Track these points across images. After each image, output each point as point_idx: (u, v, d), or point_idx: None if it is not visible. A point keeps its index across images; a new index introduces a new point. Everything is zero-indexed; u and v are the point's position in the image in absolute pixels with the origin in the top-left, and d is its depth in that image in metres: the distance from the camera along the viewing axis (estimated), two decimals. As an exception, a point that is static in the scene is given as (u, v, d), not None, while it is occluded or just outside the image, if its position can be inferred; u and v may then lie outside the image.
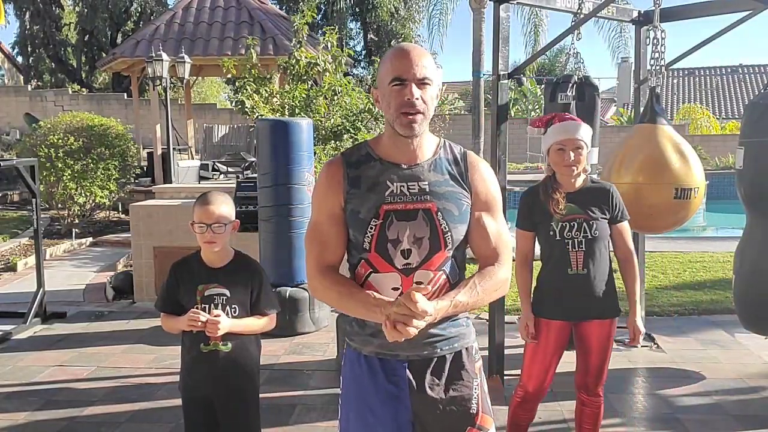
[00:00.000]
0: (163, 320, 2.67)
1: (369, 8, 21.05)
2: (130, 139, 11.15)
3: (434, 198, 1.85)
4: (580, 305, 2.97)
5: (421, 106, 1.80)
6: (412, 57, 1.80)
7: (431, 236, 1.84)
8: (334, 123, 9.40)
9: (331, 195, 1.91)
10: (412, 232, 1.84)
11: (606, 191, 2.97)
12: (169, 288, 2.63)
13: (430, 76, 1.80)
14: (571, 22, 4.56)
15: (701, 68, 34.04)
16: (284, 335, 5.27)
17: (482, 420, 1.95)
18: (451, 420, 1.92)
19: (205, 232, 2.52)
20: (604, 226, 2.93)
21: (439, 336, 1.91)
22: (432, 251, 1.85)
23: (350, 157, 1.94)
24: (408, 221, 1.84)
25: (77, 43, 23.49)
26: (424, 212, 1.84)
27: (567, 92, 4.24)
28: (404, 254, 1.84)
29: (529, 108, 22.52)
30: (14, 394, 4.33)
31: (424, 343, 1.88)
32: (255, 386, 2.69)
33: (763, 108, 4.06)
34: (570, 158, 2.89)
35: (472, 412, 1.93)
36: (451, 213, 1.86)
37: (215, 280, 2.59)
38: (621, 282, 3.08)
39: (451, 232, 1.86)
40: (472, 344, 1.98)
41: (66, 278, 7.63)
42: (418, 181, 1.86)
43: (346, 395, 1.99)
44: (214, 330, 2.48)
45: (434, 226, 1.84)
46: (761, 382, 4.35)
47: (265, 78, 9.80)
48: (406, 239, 1.84)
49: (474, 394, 1.94)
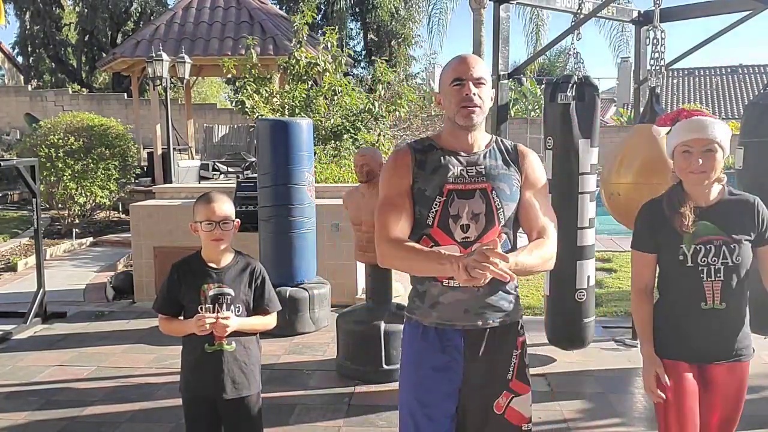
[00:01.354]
0: (163, 323, 2.65)
1: (369, 8, 21.05)
2: (130, 139, 11.16)
3: (489, 179, 2.11)
4: (711, 346, 2.42)
5: (478, 101, 2.09)
6: (470, 61, 2.11)
7: (487, 212, 2.09)
8: (334, 123, 9.41)
9: (401, 174, 2.15)
10: (471, 208, 2.09)
11: (750, 205, 2.41)
12: (171, 289, 2.61)
13: (485, 77, 2.11)
14: (571, 22, 4.57)
15: (701, 68, 34.03)
16: (284, 335, 5.27)
17: (516, 385, 2.18)
18: (490, 385, 2.16)
19: (214, 230, 2.53)
20: (748, 250, 2.37)
21: (493, 307, 2.13)
22: (488, 226, 2.09)
23: (417, 145, 2.22)
24: (467, 199, 2.09)
25: (77, 43, 23.50)
26: (480, 191, 2.10)
27: (567, 92, 4.24)
28: (463, 228, 2.08)
29: (529, 108, 22.52)
30: (14, 394, 4.33)
31: (477, 314, 2.11)
32: (258, 385, 2.70)
33: (763, 108, 4.06)
34: (698, 163, 2.34)
35: (507, 378, 2.17)
36: (503, 192, 2.11)
37: (219, 279, 2.59)
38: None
39: (503, 208, 2.11)
40: (519, 320, 2.21)
41: (66, 278, 7.64)
42: (476, 166, 2.13)
43: (405, 364, 2.24)
44: (222, 331, 2.49)
45: (489, 203, 2.09)
46: (761, 382, 4.35)
47: (265, 78, 9.81)
48: (465, 215, 2.08)
49: (512, 362, 2.18)
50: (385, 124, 10.13)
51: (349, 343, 4.50)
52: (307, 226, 5.58)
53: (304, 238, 5.54)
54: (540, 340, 5.02)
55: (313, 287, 5.54)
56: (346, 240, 6.19)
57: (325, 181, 7.75)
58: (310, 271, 5.64)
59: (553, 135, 4.41)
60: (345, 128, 9.35)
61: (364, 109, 9.59)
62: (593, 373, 4.55)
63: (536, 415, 3.84)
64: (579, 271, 4.41)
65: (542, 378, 4.45)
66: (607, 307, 6.09)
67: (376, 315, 4.47)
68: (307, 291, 5.48)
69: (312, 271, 5.67)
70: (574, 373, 4.58)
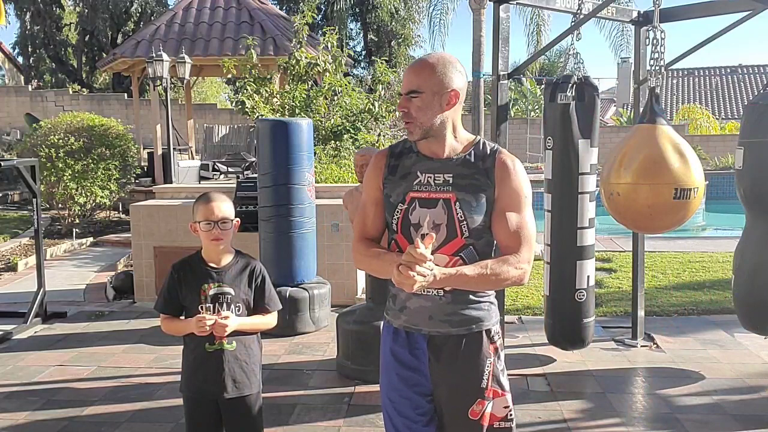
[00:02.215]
0: (164, 322, 2.66)
1: (369, 8, 21.04)
2: (130, 139, 11.16)
3: (455, 189, 2.05)
4: None
5: (409, 116, 2.04)
6: (408, 72, 2.06)
7: (448, 223, 2.05)
8: (334, 123, 9.41)
9: (373, 179, 2.18)
10: (432, 218, 2.05)
11: None
12: (171, 289, 2.62)
13: (416, 87, 2.02)
14: (570, 22, 4.57)
15: (701, 68, 34.03)
16: (284, 335, 5.28)
17: (490, 392, 2.13)
18: (463, 392, 2.13)
19: (213, 229, 2.54)
20: None
21: (458, 315, 2.09)
22: (449, 237, 2.05)
23: (395, 148, 2.20)
24: (429, 208, 2.06)
25: (78, 43, 23.50)
26: (444, 201, 2.05)
27: (567, 92, 4.24)
28: (423, 238, 1.97)
29: (528, 108, 22.52)
30: (14, 394, 4.33)
31: (442, 320, 2.09)
32: (258, 383, 2.71)
33: (763, 108, 4.06)
34: None
35: (482, 386, 2.12)
36: (468, 204, 2.05)
37: (219, 279, 2.59)
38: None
39: (467, 220, 2.04)
40: (491, 327, 2.14)
41: (66, 278, 7.64)
42: (444, 173, 2.07)
43: (381, 365, 2.25)
44: (222, 331, 2.50)
45: (451, 215, 2.04)
46: (761, 382, 4.35)
47: (265, 78, 9.82)
48: (426, 224, 2.04)
49: (485, 371, 2.12)
50: (385, 124, 10.14)
51: (349, 343, 4.50)
52: (307, 226, 5.59)
53: (304, 238, 5.55)
54: (540, 340, 5.03)
55: (313, 287, 5.55)
56: (346, 240, 6.19)
57: (325, 181, 7.76)
58: (310, 271, 5.64)
59: (553, 135, 4.41)
60: (345, 128, 9.35)
61: (364, 109, 9.59)
62: (593, 373, 4.55)
63: (536, 415, 3.87)
64: (579, 271, 4.42)
65: (542, 378, 4.46)
66: (607, 307, 6.09)
67: (376, 315, 4.46)
68: (307, 291, 5.48)
69: (312, 271, 5.67)
70: (574, 373, 4.58)
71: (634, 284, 5.24)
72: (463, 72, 2.09)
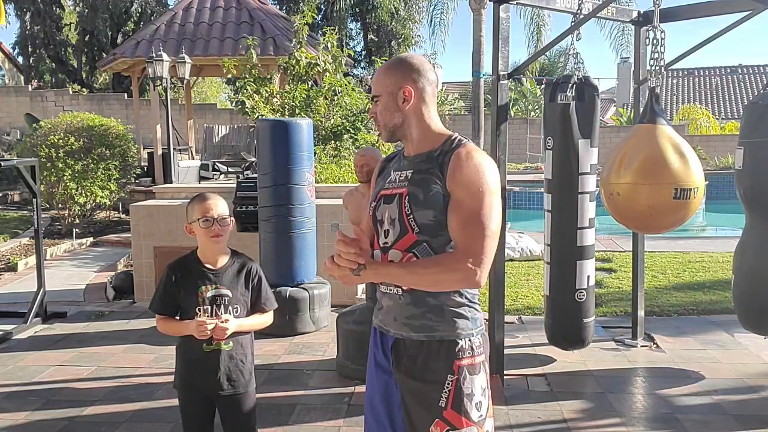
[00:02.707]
0: (160, 323, 2.65)
1: (369, 8, 21.03)
2: (130, 139, 11.15)
3: (410, 184, 2.01)
4: None
5: (376, 120, 2.09)
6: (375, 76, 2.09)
7: (399, 218, 2.00)
8: (334, 123, 9.41)
9: (373, 183, 2.24)
10: (390, 214, 2.03)
11: None
12: (167, 289, 2.62)
13: (375, 92, 2.07)
14: (570, 22, 4.57)
15: (701, 68, 34.04)
16: (284, 335, 5.28)
17: (450, 416, 1.95)
18: (420, 406, 2.00)
19: (212, 226, 2.54)
20: None
21: (419, 319, 2.00)
22: (402, 233, 2.00)
23: (391, 154, 2.23)
24: (388, 204, 2.05)
25: (78, 43, 23.49)
26: (398, 196, 2.02)
27: (566, 92, 4.24)
28: (385, 234, 2.04)
29: (528, 108, 22.52)
30: (14, 394, 4.33)
31: (404, 323, 2.02)
32: (252, 381, 2.72)
33: (763, 108, 4.06)
34: None
35: (440, 405, 1.96)
36: (416, 197, 1.98)
37: (216, 281, 2.59)
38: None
39: (413, 215, 1.97)
40: (458, 341, 1.98)
41: (66, 278, 7.64)
42: (407, 170, 2.05)
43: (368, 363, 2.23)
44: (222, 335, 2.51)
45: (401, 209, 2.00)
46: (761, 382, 4.35)
47: (265, 78, 9.82)
48: (386, 220, 2.04)
49: (445, 388, 1.96)
50: (385, 124, 10.11)
51: (349, 343, 4.50)
52: (307, 226, 5.59)
53: (304, 238, 5.55)
54: (540, 340, 5.03)
55: (313, 287, 5.55)
56: (346, 240, 6.19)
57: (325, 181, 7.76)
58: (310, 271, 5.64)
59: (553, 135, 4.41)
60: (345, 128, 9.35)
61: (364, 109, 9.59)
62: (593, 373, 4.55)
63: (536, 415, 3.87)
64: (579, 271, 4.42)
65: (542, 378, 4.46)
66: (607, 307, 6.09)
67: (376, 315, 4.47)
68: (307, 291, 5.48)
69: (312, 271, 5.68)
70: (574, 373, 4.58)
71: (634, 284, 5.24)
72: (418, 67, 2.02)
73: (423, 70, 2.03)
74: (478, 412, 1.98)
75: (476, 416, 1.97)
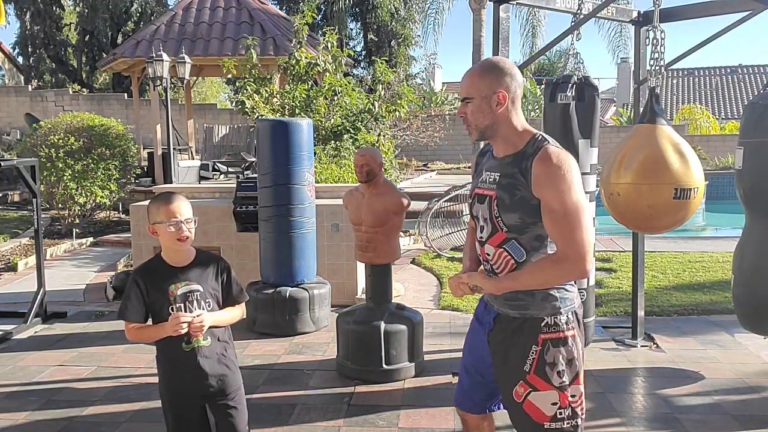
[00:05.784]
0: (132, 331, 2.58)
1: (369, 8, 21.05)
2: (130, 139, 11.16)
3: (498, 188, 2.23)
4: None
5: (466, 120, 2.26)
6: (461, 80, 2.26)
7: (490, 218, 2.26)
8: (334, 123, 9.41)
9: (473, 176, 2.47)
10: (483, 213, 2.29)
11: None
12: (135, 296, 2.56)
13: (467, 94, 2.22)
14: (570, 22, 4.57)
15: (701, 68, 34.06)
16: (284, 335, 5.27)
17: (534, 380, 2.24)
18: (507, 370, 2.30)
19: (179, 229, 2.50)
20: None
21: (514, 299, 2.27)
22: (493, 231, 2.26)
23: (484, 147, 2.43)
24: (481, 204, 2.30)
25: (78, 43, 23.49)
26: (489, 198, 2.26)
27: (566, 92, 4.24)
28: (480, 230, 2.31)
29: (528, 108, 22.51)
30: (14, 394, 4.33)
31: (504, 302, 2.29)
32: (239, 374, 2.71)
33: (763, 108, 4.06)
34: None
35: (525, 369, 2.24)
36: (503, 201, 2.21)
37: (185, 277, 2.56)
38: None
39: (501, 217, 2.22)
40: (545, 317, 2.24)
41: (66, 278, 7.64)
42: (495, 172, 2.26)
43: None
44: (199, 330, 2.48)
45: (491, 211, 2.25)
46: (761, 382, 4.36)
47: (265, 78, 9.82)
48: (480, 218, 2.31)
49: (530, 356, 2.23)
50: (385, 124, 10.14)
51: (349, 343, 4.50)
52: (307, 226, 5.59)
53: (304, 238, 5.55)
54: (540, 340, 5.02)
55: (313, 287, 5.54)
56: (346, 240, 6.20)
57: (325, 181, 7.75)
58: (310, 271, 5.64)
59: (553, 135, 4.37)
60: (345, 128, 9.35)
61: (364, 109, 9.60)
62: (593, 373, 4.55)
63: (536, 415, 3.86)
64: (579, 271, 4.40)
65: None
66: (607, 307, 6.09)
67: (376, 315, 4.47)
68: (307, 291, 5.48)
69: (312, 271, 5.68)
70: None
71: (634, 284, 5.24)
72: (510, 72, 2.20)
73: (514, 74, 2.22)
74: (560, 379, 2.23)
75: (557, 382, 2.23)
